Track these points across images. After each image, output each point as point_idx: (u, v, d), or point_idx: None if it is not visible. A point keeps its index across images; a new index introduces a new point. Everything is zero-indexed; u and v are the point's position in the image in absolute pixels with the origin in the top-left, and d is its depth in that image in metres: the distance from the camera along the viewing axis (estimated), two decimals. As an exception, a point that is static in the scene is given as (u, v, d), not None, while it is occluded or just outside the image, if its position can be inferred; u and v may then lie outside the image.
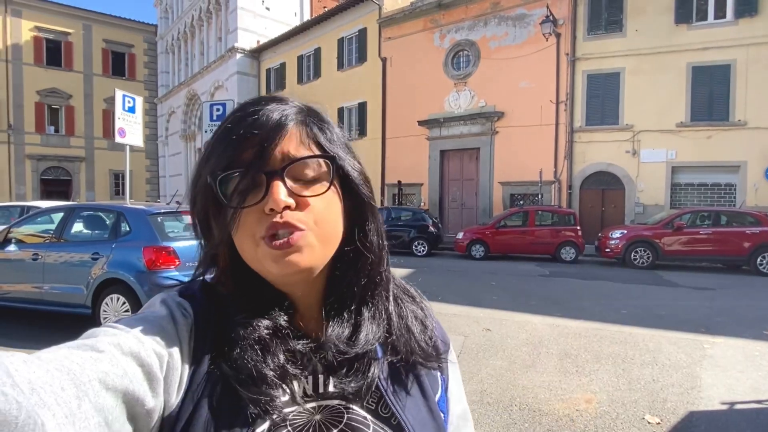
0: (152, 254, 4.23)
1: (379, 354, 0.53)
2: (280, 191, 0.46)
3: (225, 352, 0.46)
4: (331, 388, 0.50)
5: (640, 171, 13.25)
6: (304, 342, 0.50)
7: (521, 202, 14.81)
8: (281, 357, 0.47)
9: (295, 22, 24.57)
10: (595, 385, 3.63)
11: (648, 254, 10.32)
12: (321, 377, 0.51)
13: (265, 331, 0.48)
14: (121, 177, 26.90)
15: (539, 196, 14.23)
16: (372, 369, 0.51)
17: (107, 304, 4.47)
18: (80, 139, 28.19)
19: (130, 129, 7.01)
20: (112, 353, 0.39)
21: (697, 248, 10.14)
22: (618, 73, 13.48)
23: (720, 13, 12.51)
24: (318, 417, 0.48)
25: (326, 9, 21.25)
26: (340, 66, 20.03)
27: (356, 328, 0.53)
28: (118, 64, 29.62)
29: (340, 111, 19.97)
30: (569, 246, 11.42)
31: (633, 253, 10.42)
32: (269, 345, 0.47)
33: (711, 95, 12.51)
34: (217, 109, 6.97)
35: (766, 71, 11.81)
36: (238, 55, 23.12)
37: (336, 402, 0.50)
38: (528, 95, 14.57)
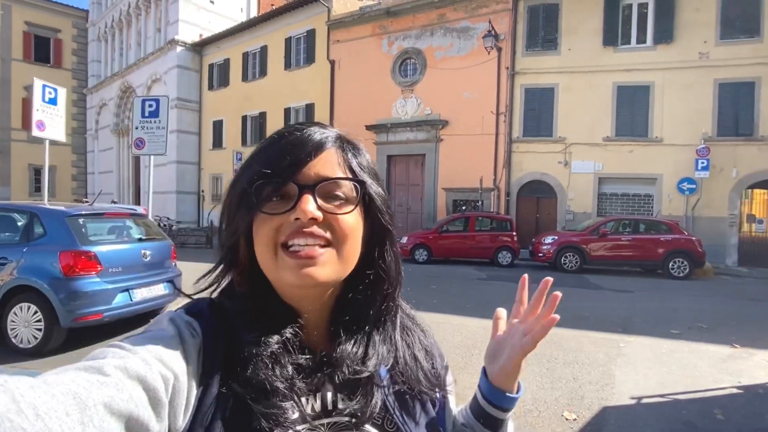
0: (70, 259, 3.92)
1: (383, 379, 0.56)
2: (310, 203, 0.49)
3: (235, 370, 0.47)
4: (340, 405, 0.52)
5: (570, 181, 14.14)
6: (309, 357, 0.52)
7: (463, 208, 15.28)
8: (290, 369, 0.49)
9: (241, 18, 23.84)
10: (522, 384, 3.82)
11: (576, 259, 11.02)
12: (329, 394, 0.52)
13: (276, 345, 0.49)
14: (42, 173, 24.68)
15: (480, 203, 14.78)
16: (375, 393, 0.53)
17: (16, 314, 4.08)
18: (-5, 129, 25.61)
19: (51, 122, 6.47)
20: (119, 377, 0.39)
21: (619, 253, 10.98)
22: (552, 89, 14.33)
23: (642, 38, 13.67)
24: None
25: (274, 7, 20.81)
26: (288, 66, 19.69)
27: (366, 350, 0.55)
28: (41, 50, 27.16)
29: (287, 111, 19.62)
30: (506, 250, 11.94)
31: (563, 257, 11.09)
32: (279, 358, 0.49)
33: (633, 113, 13.63)
34: (150, 105, 6.61)
35: (679, 93, 13.06)
36: (179, 48, 22.04)
37: (345, 419, 0.52)
38: (471, 105, 15.10)
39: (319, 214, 0.49)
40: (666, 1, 13.26)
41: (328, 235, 0.51)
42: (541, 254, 11.40)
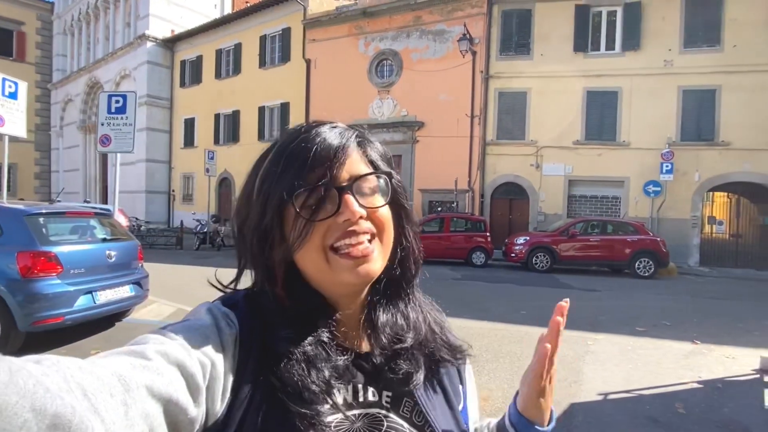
0: (28, 260, 3.74)
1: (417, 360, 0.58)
2: (354, 203, 0.51)
3: (271, 364, 0.48)
4: (370, 397, 0.54)
5: (542, 183, 14.46)
6: (346, 357, 0.53)
7: (439, 209, 15.41)
8: (326, 373, 0.50)
9: (215, 15, 23.43)
10: (493, 382, 3.87)
11: (547, 259, 11.27)
12: (360, 386, 0.54)
13: (310, 347, 0.50)
14: (6, 171, 23.65)
15: (455, 204, 14.93)
16: (414, 375, 0.56)
17: (-31, 317, 3.87)
18: (-51, 124, 24.26)
19: (11, 117, 6.17)
20: (159, 361, 0.41)
21: (588, 254, 11.28)
22: (525, 93, 14.63)
23: (611, 45, 14.12)
24: (359, 425, 0.52)
25: (249, 4, 20.52)
26: (263, 64, 19.43)
27: (405, 321, 0.59)
28: (3, 43, 25.94)
29: (261, 110, 19.35)
30: (480, 251, 12.10)
31: (534, 257, 11.32)
32: (315, 361, 0.50)
33: (602, 117, 14.05)
34: (117, 101, 6.38)
35: (645, 99, 13.54)
36: (149, 44, 21.46)
37: (375, 410, 0.53)
38: (446, 108, 15.25)
39: (363, 212, 0.52)
40: (633, 10, 13.73)
41: (372, 228, 0.53)
42: (513, 254, 11.60)
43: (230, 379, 0.47)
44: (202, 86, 21.53)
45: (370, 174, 0.54)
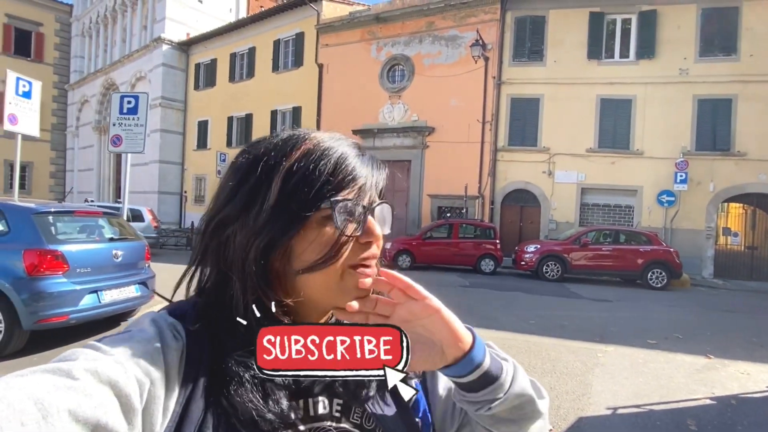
0: (35, 258, 3.76)
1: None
2: (377, 226, 0.50)
3: (221, 384, 0.45)
4: (320, 410, 0.52)
5: (554, 190, 14.30)
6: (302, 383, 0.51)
7: (448, 215, 15.32)
8: (284, 403, 0.47)
9: (230, 19, 23.69)
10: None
11: (558, 267, 11.11)
12: (311, 400, 0.52)
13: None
14: (18, 169, 24.06)
15: (464, 210, 14.83)
16: (365, 389, 0.53)
17: (-25, 314, 3.89)
18: (-31, 122, 24.80)
19: (24, 116, 6.27)
20: (88, 381, 0.37)
21: (599, 263, 11.10)
22: (538, 99, 14.51)
23: (625, 53, 13.97)
24: None
25: (263, 9, 20.74)
26: (276, 68, 19.58)
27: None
28: (22, 43, 26.52)
29: (274, 114, 19.49)
30: (489, 258, 11.98)
31: (545, 266, 11.17)
32: (270, 390, 0.47)
33: (615, 125, 13.87)
34: (129, 102, 6.44)
35: (659, 108, 13.35)
36: (165, 47, 21.77)
37: (327, 423, 0.51)
38: (457, 113, 15.19)
39: (381, 237, 0.52)
40: (648, 18, 13.58)
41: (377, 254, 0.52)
42: (523, 262, 11.46)
43: (173, 397, 0.43)
44: (216, 89, 21.76)
45: (384, 202, 0.54)
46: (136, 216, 13.20)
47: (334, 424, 0.52)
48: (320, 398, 0.52)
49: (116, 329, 5.22)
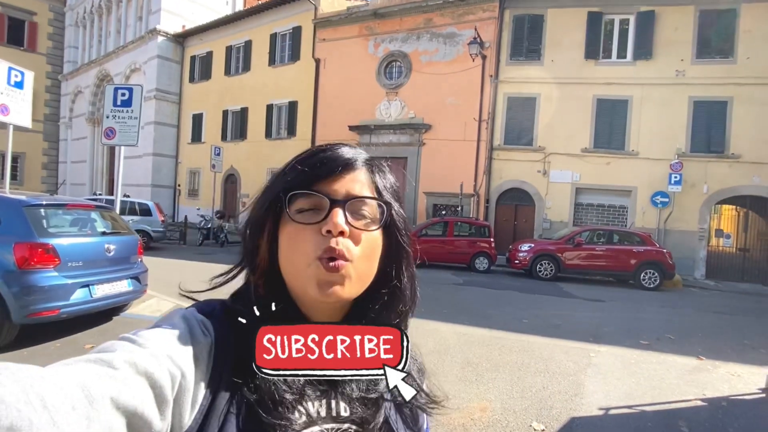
0: (25, 251, 3.71)
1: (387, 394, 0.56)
2: (340, 217, 0.51)
3: (246, 375, 0.47)
4: (342, 412, 0.53)
5: (549, 190, 14.34)
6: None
7: (443, 213, 15.32)
8: (301, 379, 0.48)
9: (226, 11, 23.49)
10: (491, 393, 3.79)
11: (551, 267, 11.15)
12: (333, 401, 0.53)
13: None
14: (9, 160, 23.77)
15: (460, 208, 14.84)
16: (382, 407, 0.55)
17: (-37, 308, 3.83)
18: (-40, 112, 24.44)
19: (16, 107, 6.16)
20: (127, 372, 0.39)
21: (592, 263, 11.15)
22: (534, 98, 14.51)
23: (622, 53, 13.99)
24: None
25: (260, 2, 20.56)
26: (272, 62, 19.44)
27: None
28: (15, 32, 26.11)
29: (269, 108, 19.36)
30: (483, 256, 12.00)
31: (538, 265, 11.20)
32: (296, 387, 0.49)
33: (611, 126, 13.91)
34: (123, 94, 6.35)
35: (655, 109, 13.40)
36: (160, 38, 21.54)
37: (347, 425, 0.53)
38: (454, 111, 15.17)
39: (347, 229, 0.51)
40: (646, 19, 13.60)
41: (353, 250, 0.52)
42: (517, 261, 11.49)
43: (201, 390, 0.46)
44: (211, 82, 21.58)
45: (368, 198, 0.54)
46: (144, 210, 13.12)
47: (354, 428, 0.53)
48: (342, 403, 0.54)
49: (109, 323, 5.17)
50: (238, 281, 0.59)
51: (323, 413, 0.52)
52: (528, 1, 14.53)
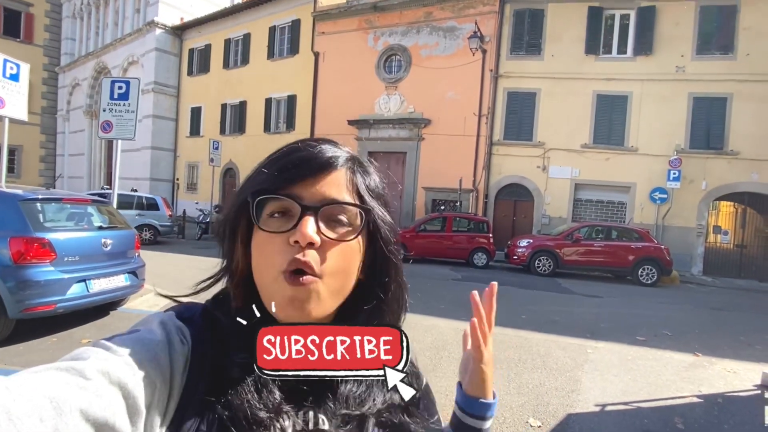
0: (21, 246, 3.68)
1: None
2: (309, 226, 0.47)
3: (220, 387, 0.45)
4: (320, 425, 0.50)
5: (548, 185, 14.33)
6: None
7: (442, 208, 15.31)
8: (277, 395, 0.47)
9: (225, 4, 23.31)
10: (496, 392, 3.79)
11: (550, 263, 11.16)
12: (311, 413, 0.50)
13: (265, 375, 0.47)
14: (6, 153, 23.59)
15: (459, 203, 14.83)
16: (366, 424, 0.51)
17: (-41, 302, 3.82)
18: (-44, 104, 24.27)
19: (11, 99, 6.11)
20: (99, 381, 0.38)
21: (591, 259, 11.17)
22: (534, 93, 14.46)
23: (622, 48, 13.93)
24: None
25: (259, -6, 20.38)
26: (271, 55, 19.32)
27: (368, 388, 0.53)
28: (11, 24, 25.88)
29: (268, 101, 19.27)
30: (481, 252, 12.01)
31: (537, 261, 11.21)
32: (267, 383, 0.47)
33: (611, 121, 13.88)
34: (120, 87, 6.30)
35: (655, 105, 13.36)
36: (158, 31, 21.38)
37: None
38: (454, 106, 15.11)
39: (317, 239, 0.47)
40: (647, 14, 13.53)
41: (323, 264, 0.48)
42: (515, 257, 11.50)
43: (174, 402, 0.44)
44: (210, 75, 21.45)
45: (345, 204, 0.50)
46: (151, 205, 13.13)
47: None
48: (320, 415, 0.50)
49: (106, 317, 5.17)
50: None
51: (299, 427, 0.49)
52: (528, -4, 14.44)
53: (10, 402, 0.32)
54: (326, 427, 0.50)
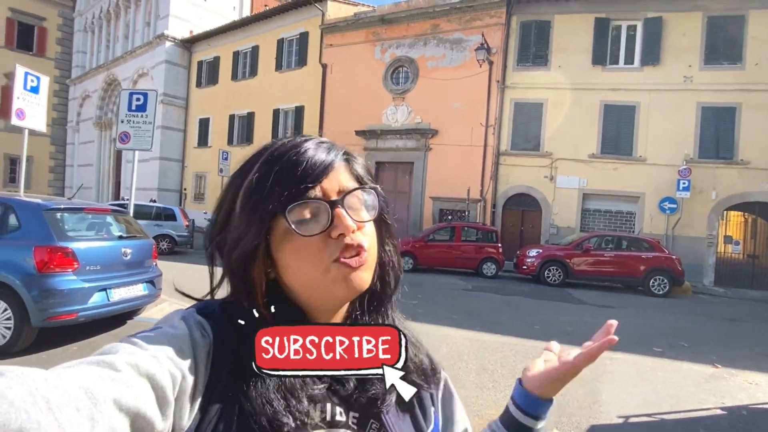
0: (45, 255, 3.73)
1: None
2: (347, 218, 0.51)
3: (244, 383, 0.47)
4: (337, 417, 0.52)
5: (555, 195, 14.31)
6: (324, 384, 0.52)
7: (449, 218, 15.31)
8: (305, 403, 0.48)
9: (234, 17, 23.64)
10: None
11: (559, 273, 11.11)
12: (328, 405, 0.52)
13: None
14: (18, 163, 23.84)
15: (466, 213, 14.82)
16: (385, 396, 0.53)
17: (-16, 311, 3.86)
18: (-30, 116, 24.66)
19: (32, 111, 6.22)
20: (129, 373, 0.39)
21: (601, 269, 11.11)
22: (541, 104, 14.52)
23: (629, 59, 14.00)
24: None
25: (267, 7, 20.69)
26: (279, 67, 19.55)
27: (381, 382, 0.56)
28: (24, 38, 26.39)
29: (276, 112, 19.45)
30: (491, 262, 11.97)
31: (546, 271, 11.16)
32: (294, 391, 0.48)
33: (618, 131, 13.89)
34: (138, 99, 6.41)
35: (663, 114, 13.37)
36: (168, 44, 21.70)
37: (342, 431, 0.52)
38: (460, 116, 15.19)
39: (355, 225, 0.51)
40: (654, 25, 13.62)
41: (364, 242, 0.52)
42: (525, 267, 11.45)
43: (200, 392, 0.46)
44: (218, 87, 21.70)
45: (359, 189, 0.54)
46: (169, 215, 13.28)
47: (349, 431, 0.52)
48: (338, 408, 0.53)
49: (124, 326, 5.18)
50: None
51: (317, 419, 0.51)
52: (535, 7, 14.58)
53: (49, 392, 0.33)
54: (342, 419, 0.52)
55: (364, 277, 0.52)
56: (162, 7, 22.15)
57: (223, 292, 0.58)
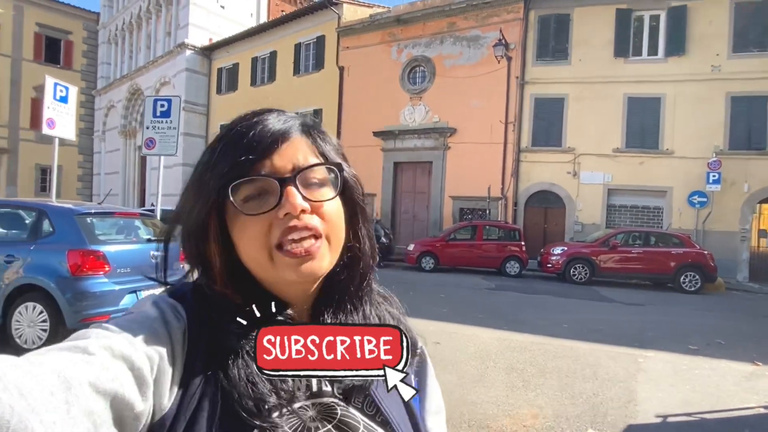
0: (78, 258, 3.82)
1: None
2: (296, 196, 0.48)
3: (220, 361, 0.46)
4: (323, 387, 0.51)
5: (579, 191, 14.02)
6: None
7: (470, 217, 15.16)
8: (290, 382, 0.47)
9: (251, 23, 23.98)
10: (541, 399, 3.68)
11: (586, 270, 10.86)
12: (313, 378, 0.51)
13: None
14: (49, 172, 24.66)
15: (487, 212, 14.65)
16: (371, 388, 0.53)
17: (21, 314, 3.98)
18: (4, 128, 25.63)
19: (61, 120, 6.41)
20: (104, 356, 0.38)
21: (629, 266, 10.82)
22: (563, 99, 14.26)
23: (653, 50, 13.62)
24: (311, 413, 0.49)
25: (284, 13, 20.93)
26: (297, 71, 19.73)
27: (356, 314, 0.56)
28: (52, 51, 27.34)
29: (294, 117, 19.60)
30: (514, 260, 11.80)
31: (572, 269, 10.93)
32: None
33: (643, 125, 13.53)
34: (162, 105, 6.54)
35: (690, 106, 12.96)
36: (188, 52, 22.16)
37: (329, 400, 0.51)
38: (479, 114, 15.03)
39: (307, 206, 0.48)
40: (678, 14, 13.22)
41: (317, 225, 0.49)
42: (549, 265, 11.24)
43: (179, 373, 0.45)
44: (238, 93, 22.04)
45: (317, 165, 0.51)
46: None
47: (335, 401, 0.51)
48: (323, 380, 0.52)
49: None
50: None
51: (301, 389, 0.50)
52: (554, 1, 14.33)
53: (19, 378, 0.32)
54: (328, 388, 0.51)
55: (318, 266, 0.50)
56: (182, 16, 22.63)
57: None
